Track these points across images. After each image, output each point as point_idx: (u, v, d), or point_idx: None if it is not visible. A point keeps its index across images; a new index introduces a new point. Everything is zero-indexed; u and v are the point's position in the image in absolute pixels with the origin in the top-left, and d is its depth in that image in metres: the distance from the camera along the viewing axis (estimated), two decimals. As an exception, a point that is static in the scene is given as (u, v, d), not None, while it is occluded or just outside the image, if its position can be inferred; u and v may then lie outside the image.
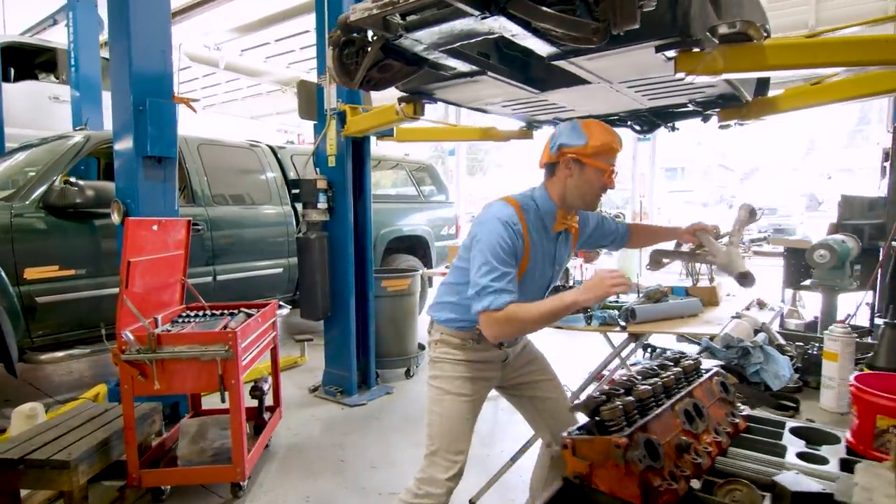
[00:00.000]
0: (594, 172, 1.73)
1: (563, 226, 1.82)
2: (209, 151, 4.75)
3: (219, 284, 4.46)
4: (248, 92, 14.85)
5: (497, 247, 1.63)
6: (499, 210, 1.71)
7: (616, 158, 1.79)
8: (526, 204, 1.77)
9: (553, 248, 1.84)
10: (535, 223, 1.76)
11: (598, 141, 1.73)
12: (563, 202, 1.79)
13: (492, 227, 1.67)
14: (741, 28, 1.91)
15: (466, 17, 1.82)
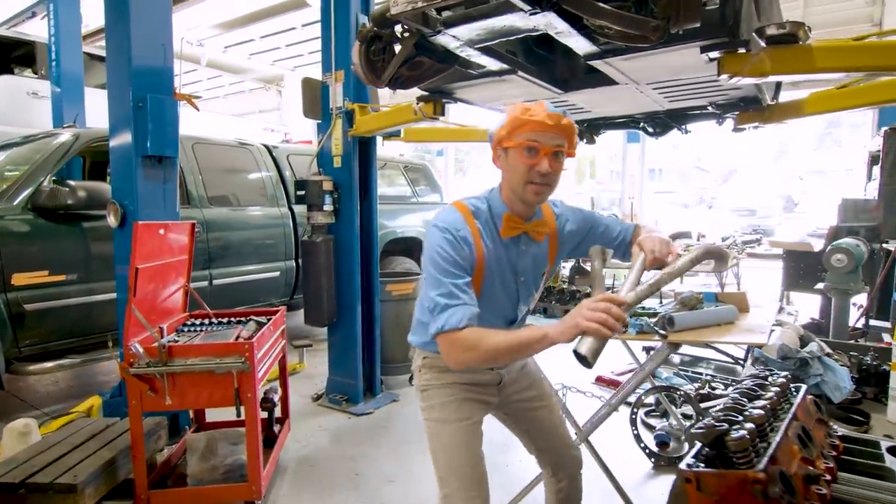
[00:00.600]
0: (514, 155, 1.46)
1: (514, 231, 1.54)
2: (204, 151, 4.57)
3: (215, 289, 4.29)
4: (231, 89, 14.55)
5: (437, 257, 1.43)
6: (441, 217, 1.50)
7: (540, 134, 1.43)
8: (478, 207, 1.55)
9: (510, 256, 1.57)
10: (488, 228, 1.54)
11: (510, 116, 1.47)
12: (510, 200, 1.55)
13: (430, 237, 1.47)
14: (791, 29, 1.86)
15: (513, 12, 1.74)
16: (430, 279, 1.44)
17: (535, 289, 1.67)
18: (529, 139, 1.43)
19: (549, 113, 1.45)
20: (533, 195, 1.48)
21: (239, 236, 4.61)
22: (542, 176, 1.44)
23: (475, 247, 1.48)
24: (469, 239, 1.47)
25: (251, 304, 4.68)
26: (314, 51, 12.01)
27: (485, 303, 1.50)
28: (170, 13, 3.19)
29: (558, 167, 1.48)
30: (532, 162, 1.44)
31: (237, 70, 13.16)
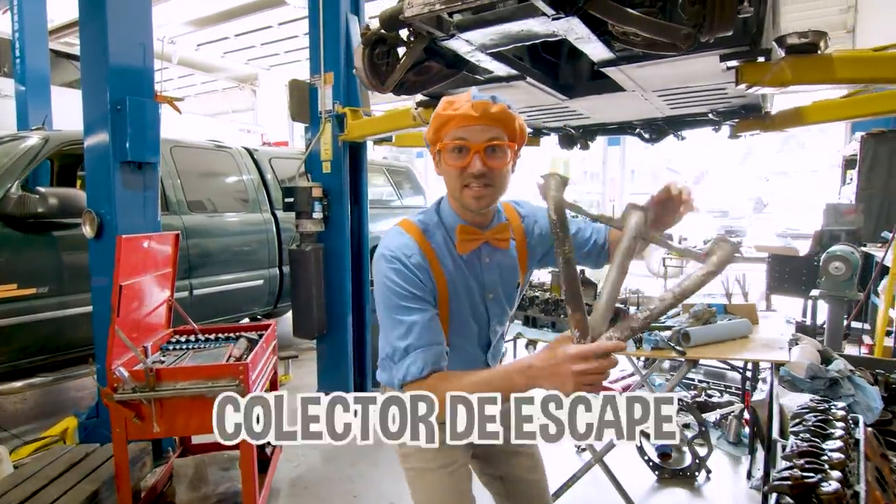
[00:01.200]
0: (445, 157, 1.26)
1: (472, 243, 1.31)
2: (183, 155, 4.36)
3: (196, 299, 4.10)
4: (203, 89, 14.14)
5: (389, 294, 1.22)
6: (386, 243, 1.28)
7: (466, 130, 1.21)
8: (429, 223, 1.32)
9: (474, 273, 1.34)
10: (445, 246, 1.31)
11: (434, 115, 1.26)
12: (460, 210, 1.32)
13: (378, 269, 1.26)
14: (813, 39, 1.82)
15: (534, 17, 1.65)
16: (385, 320, 1.25)
17: (509, 304, 1.45)
18: (456, 137, 1.22)
19: (474, 102, 1.20)
20: (473, 200, 1.25)
21: (220, 243, 4.42)
22: (476, 178, 1.22)
23: (433, 272, 1.27)
24: (424, 264, 1.25)
25: (234, 315, 4.50)
26: (291, 49, 11.75)
27: (454, 332, 1.32)
28: (149, 10, 3.01)
29: (497, 163, 1.23)
30: (461, 164, 1.22)
31: (210, 69, 12.79)
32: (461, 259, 1.32)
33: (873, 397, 1.59)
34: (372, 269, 1.35)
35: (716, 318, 2.26)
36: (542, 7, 1.53)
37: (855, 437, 1.07)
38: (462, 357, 1.37)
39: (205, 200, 4.44)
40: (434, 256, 1.28)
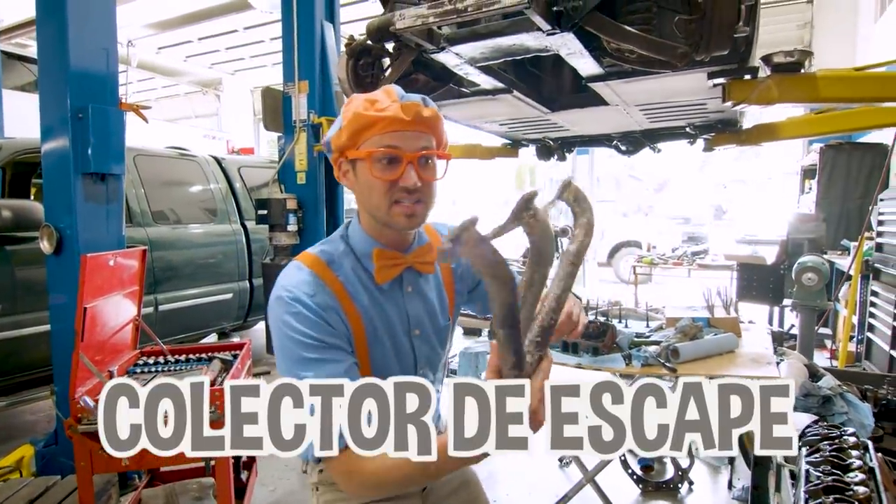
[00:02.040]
0: (365, 169, 1.04)
1: (394, 269, 1.12)
2: (147, 163, 4.17)
3: (162, 316, 3.91)
4: (164, 93, 13.70)
5: (291, 345, 1.00)
6: (283, 282, 1.06)
7: (397, 135, 1.03)
8: (334, 252, 1.12)
9: (397, 306, 1.14)
10: (355, 276, 1.10)
11: (349, 114, 1.04)
12: (375, 229, 1.12)
13: (273, 316, 1.04)
14: (798, 58, 1.85)
15: (527, 32, 1.62)
16: (287, 375, 0.99)
17: (441, 345, 1.22)
18: (383, 144, 1.02)
19: (404, 104, 1.02)
20: (405, 219, 1.06)
21: (187, 256, 4.24)
22: (410, 193, 1.04)
23: (344, 311, 1.06)
24: (331, 302, 1.04)
25: (202, 331, 4.32)
26: (257, 55, 11.51)
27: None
28: (114, 13, 2.86)
29: (431, 176, 1.07)
30: (392, 176, 1.03)
31: (171, 73, 12.40)
32: (378, 290, 1.11)
33: (865, 414, 1.61)
34: (267, 315, 1.07)
35: (702, 332, 2.26)
36: (539, 22, 1.50)
37: (869, 465, 1.06)
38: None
39: (170, 211, 4.26)
40: (343, 292, 1.07)
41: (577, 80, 2.45)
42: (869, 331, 4.21)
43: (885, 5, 6.49)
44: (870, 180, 6.27)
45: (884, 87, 1.87)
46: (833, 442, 1.11)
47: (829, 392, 1.65)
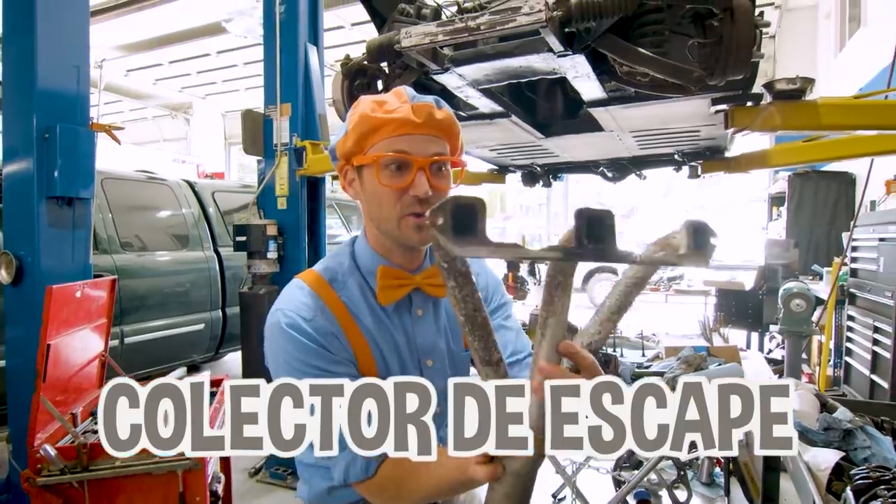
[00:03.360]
0: (372, 176, 0.95)
1: (399, 290, 1.01)
2: (115, 188, 3.97)
3: (128, 348, 3.67)
4: (131, 116, 13.37)
5: (298, 374, 0.91)
6: (281, 304, 0.98)
7: (407, 139, 0.94)
8: (338, 270, 1.02)
9: (405, 332, 1.03)
10: (362, 297, 1.00)
11: (355, 118, 0.96)
12: (382, 245, 1.02)
13: (270, 341, 0.96)
14: (801, 85, 1.85)
15: (538, 53, 1.57)
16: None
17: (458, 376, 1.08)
18: (392, 149, 0.93)
19: (415, 105, 0.94)
20: (415, 232, 0.95)
21: (156, 284, 4.02)
22: (422, 203, 0.93)
23: (347, 334, 0.96)
24: (331, 327, 0.94)
25: (171, 364, 4.07)
26: (229, 79, 11.37)
27: None
28: (87, 29, 2.72)
29: (444, 185, 0.96)
30: (402, 184, 0.93)
31: (140, 96, 12.14)
32: (384, 312, 1.00)
33: (889, 448, 1.55)
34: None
35: (706, 362, 2.20)
36: (552, 43, 1.44)
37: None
38: None
39: (140, 238, 4.05)
40: (346, 313, 0.97)
41: (569, 106, 2.43)
42: (847, 355, 4.26)
43: (845, 41, 6.81)
44: (836, 207, 6.49)
45: (883, 116, 1.88)
46: (891, 486, 1.04)
47: (849, 425, 1.59)
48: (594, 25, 1.46)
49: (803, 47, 7.89)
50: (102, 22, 7.90)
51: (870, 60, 5.71)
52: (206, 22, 8.26)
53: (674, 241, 0.62)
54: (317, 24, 3.52)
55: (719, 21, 1.40)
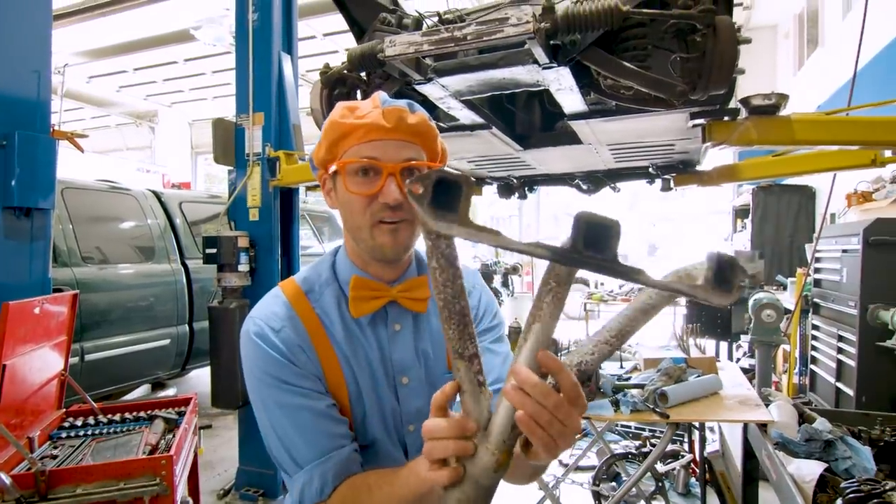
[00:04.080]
0: (345, 181, 0.92)
1: (372, 302, 0.96)
2: (77, 198, 3.81)
3: (89, 366, 3.50)
4: (93, 124, 12.95)
5: (258, 384, 0.89)
6: (254, 312, 0.95)
7: (377, 145, 0.90)
8: (315, 280, 0.99)
9: (380, 348, 0.97)
10: (336, 309, 0.96)
11: (328, 125, 0.93)
12: (359, 256, 0.98)
13: (243, 350, 0.93)
14: (776, 100, 1.89)
15: (523, 65, 1.55)
16: (262, 419, 0.90)
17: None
18: (361, 155, 0.89)
19: (386, 109, 0.90)
20: (388, 238, 0.91)
21: (119, 299, 3.86)
22: (392, 209, 0.89)
23: (316, 347, 0.92)
24: (297, 339, 0.91)
25: (134, 381, 3.91)
26: (197, 87, 11.14)
27: (362, 429, 0.95)
28: (49, 34, 2.60)
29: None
30: (371, 190, 0.89)
31: (103, 103, 11.77)
32: (358, 325, 0.96)
33: (868, 458, 1.57)
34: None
35: (686, 374, 2.21)
36: (538, 55, 1.43)
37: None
38: (382, 465, 0.95)
39: (102, 250, 3.88)
40: (318, 326, 0.93)
41: (547, 118, 2.44)
42: (812, 363, 4.37)
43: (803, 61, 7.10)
44: (798, 219, 6.71)
45: (851, 132, 1.94)
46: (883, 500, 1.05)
47: (829, 436, 1.61)
48: (579, 38, 1.46)
49: (764, 66, 8.19)
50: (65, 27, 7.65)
51: (827, 80, 5.96)
52: (173, 29, 8.07)
53: (694, 272, 0.59)
54: (291, 33, 3.47)
55: (702, 36, 1.41)
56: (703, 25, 1.39)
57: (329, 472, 0.86)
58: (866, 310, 3.08)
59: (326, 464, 0.86)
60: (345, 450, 0.88)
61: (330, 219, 6.59)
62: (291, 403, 0.87)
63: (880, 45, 4.53)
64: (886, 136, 1.93)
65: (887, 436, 1.65)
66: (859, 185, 4.40)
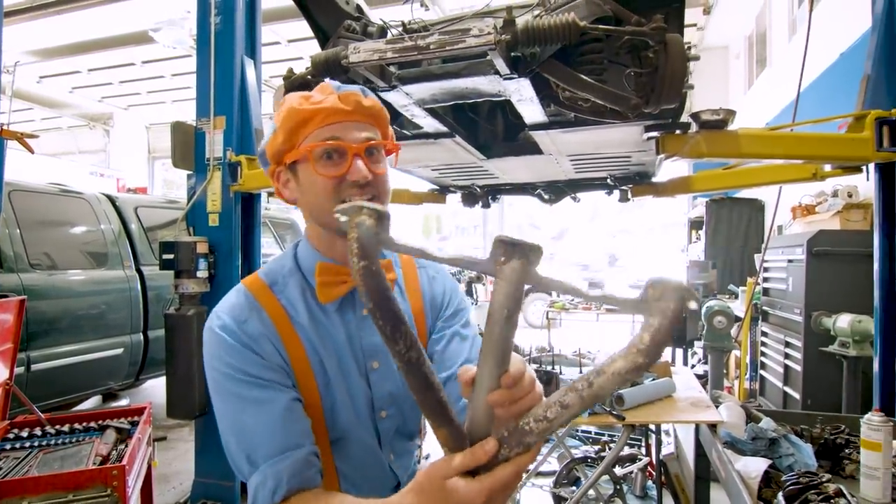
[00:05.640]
0: (307, 170, 0.93)
1: (339, 287, 0.96)
2: (24, 201, 3.66)
3: (35, 376, 3.36)
4: (43, 125, 12.43)
5: (220, 378, 0.88)
6: (217, 308, 0.95)
7: (338, 127, 0.92)
8: (279, 272, 0.99)
9: (347, 333, 0.98)
10: (302, 299, 0.96)
11: (283, 113, 0.92)
12: (325, 241, 0.98)
13: (206, 346, 0.92)
14: (723, 116, 1.99)
15: (485, 75, 1.60)
16: (220, 414, 0.89)
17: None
18: (324, 138, 0.91)
19: (343, 93, 0.93)
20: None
21: (69, 306, 3.72)
22: (361, 187, 0.92)
23: (283, 338, 0.92)
24: (265, 330, 0.91)
25: (84, 392, 3.76)
26: (155, 90, 10.86)
27: (333, 421, 0.94)
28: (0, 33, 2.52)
29: (380, 169, 0.95)
30: (338, 172, 0.91)
31: (54, 104, 11.33)
32: (324, 313, 0.96)
33: (809, 455, 1.66)
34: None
35: (642, 378, 2.28)
36: (499, 66, 1.48)
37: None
38: (356, 454, 0.96)
39: (50, 255, 3.73)
40: (284, 317, 0.93)
41: (510, 128, 2.50)
42: (762, 369, 4.56)
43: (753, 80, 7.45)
44: (748, 231, 7.01)
45: (793, 147, 2.06)
46: (819, 491, 1.11)
47: (774, 434, 1.69)
48: (539, 51, 1.51)
49: (717, 84, 8.56)
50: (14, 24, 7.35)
51: (774, 98, 6.28)
52: (131, 30, 7.86)
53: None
54: (254, 37, 3.44)
55: (654, 53, 1.48)
56: (654, 42, 1.46)
57: (284, 472, 0.83)
58: (810, 317, 3.25)
59: (282, 463, 0.84)
60: (303, 450, 0.86)
61: (293, 226, 6.51)
62: (253, 396, 0.86)
63: (824, 66, 4.81)
64: (824, 152, 2.07)
65: (827, 434, 1.74)
66: (803, 198, 4.64)
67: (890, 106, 2.05)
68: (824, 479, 1.21)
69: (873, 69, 2.13)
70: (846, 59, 4.57)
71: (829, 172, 2.37)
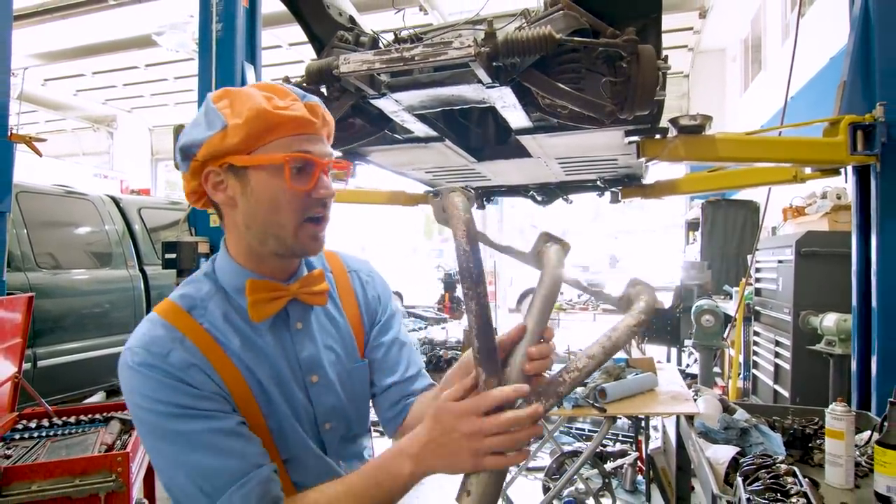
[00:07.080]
0: (267, 180, 0.85)
1: (275, 303, 0.91)
2: (31, 202, 3.76)
3: (42, 372, 3.45)
4: (48, 127, 12.58)
5: (152, 417, 0.80)
6: (130, 343, 0.85)
7: (308, 140, 0.86)
8: (196, 296, 0.90)
9: (284, 350, 0.93)
10: (225, 320, 0.89)
11: (246, 113, 0.82)
12: (255, 257, 0.92)
13: (123, 385, 0.83)
14: (700, 121, 2.07)
15: (469, 84, 1.69)
16: (160, 457, 0.81)
17: (353, 392, 1.00)
18: (294, 149, 0.84)
19: (309, 104, 0.87)
20: (311, 241, 0.89)
21: (74, 305, 3.82)
22: (324, 206, 0.90)
23: (214, 364, 0.85)
24: (192, 358, 0.83)
25: (89, 388, 3.85)
26: (158, 93, 10.99)
27: (281, 443, 0.90)
28: (9, 36, 2.61)
29: (333, 189, 0.92)
30: (307, 186, 0.86)
31: (59, 107, 11.47)
32: (255, 332, 0.90)
33: (778, 444, 1.74)
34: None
35: (625, 372, 2.37)
36: (481, 75, 1.57)
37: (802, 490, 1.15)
38: (309, 467, 0.93)
39: (56, 255, 3.83)
40: (211, 342, 0.86)
41: (500, 132, 2.58)
42: (754, 368, 4.63)
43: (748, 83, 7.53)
44: (744, 232, 7.08)
45: (768, 150, 2.14)
46: (770, 470, 1.20)
47: (745, 424, 1.78)
48: (519, 61, 1.60)
49: (713, 87, 8.64)
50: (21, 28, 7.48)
51: (769, 100, 6.36)
52: (135, 34, 7.99)
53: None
54: (254, 43, 3.54)
55: (627, 63, 1.57)
56: (627, 53, 1.55)
57: (252, 494, 0.78)
58: (798, 316, 3.32)
59: (247, 486, 0.78)
60: (264, 469, 0.81)
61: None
62: (195, 429, 0.79)
63: (816, 69, 4.89)
64: (799, 155, 2.15)
65: (797, 424, 1.82)
66: (794, 200, 4.71)
67: (865, 111, 2.13)
68: (778, 460, 1.29)
69: (849, 74, 2.21)
70: (836, 63, 4.65)
71: (809, 175, 2.45)
